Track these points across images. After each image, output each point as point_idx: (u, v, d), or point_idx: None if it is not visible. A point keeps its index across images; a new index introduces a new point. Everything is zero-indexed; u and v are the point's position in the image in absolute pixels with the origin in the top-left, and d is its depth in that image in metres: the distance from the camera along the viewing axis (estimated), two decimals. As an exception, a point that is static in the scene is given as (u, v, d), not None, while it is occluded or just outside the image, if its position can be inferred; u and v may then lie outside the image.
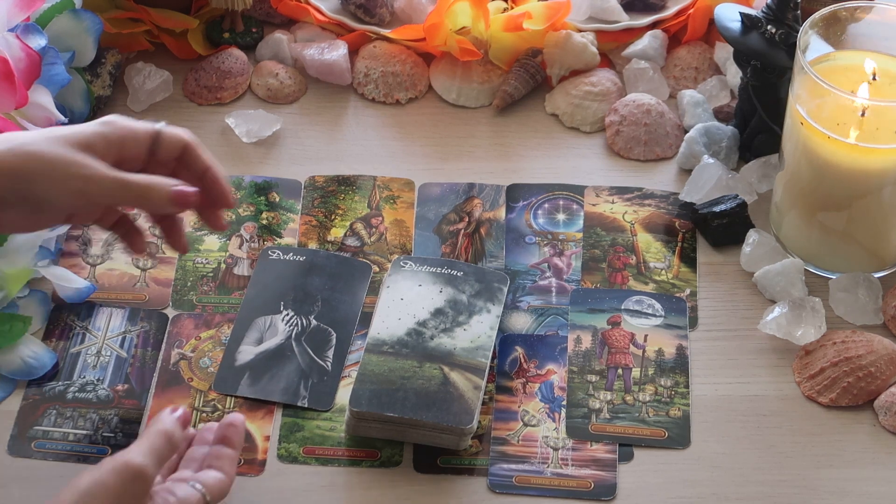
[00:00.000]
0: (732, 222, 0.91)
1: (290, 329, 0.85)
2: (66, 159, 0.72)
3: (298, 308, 0.86)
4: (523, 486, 0.79)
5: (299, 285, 0.87)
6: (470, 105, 1.02)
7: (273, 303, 0.86)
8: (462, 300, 0.85)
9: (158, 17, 1.03)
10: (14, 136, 0.73)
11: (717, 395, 0.83)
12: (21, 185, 0.72)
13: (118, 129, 0.75)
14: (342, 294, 0.87)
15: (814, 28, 0.85)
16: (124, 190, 0.74)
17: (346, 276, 0.88)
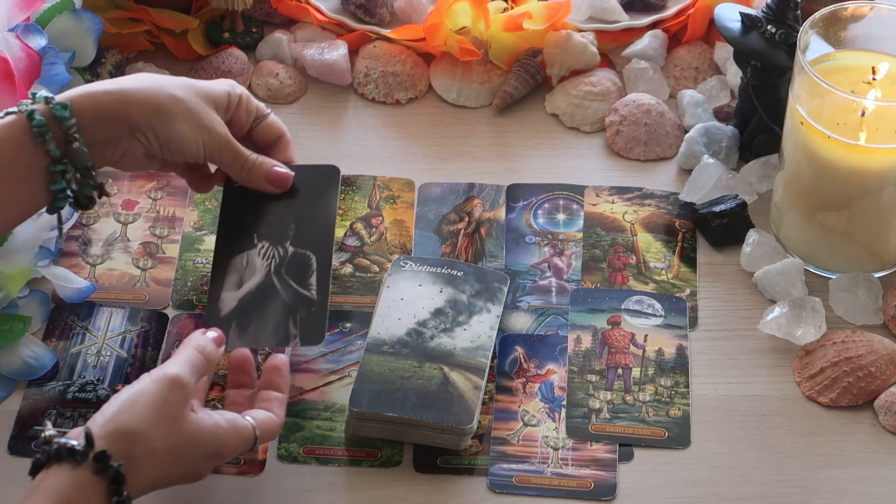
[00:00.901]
0: (732, 222, 0.91)
1: (268, 263, 0.81)
2: (202, 111, 0.79)
3: (272, 237, 0.82)
4: (523, 485, 0.79)
5: (268, 211, 0.83)
6: (470, 105, 1.02)
7: (246, 237, 0.82)
8: (462, 300, 0.85)
9: (158, 17, 1.03)
10: (157, 77, 0.79)
11: (717, 395, 0.83)
12: (158, 120, 0.77)
13: (238, 94, 0.82)
14: (313, 207, 0.83)
15: (814, 28, 0.85)
16: (236, 159, 0.81)
17: (314, 186, 0.84)
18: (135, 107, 0.77)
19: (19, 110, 0.74)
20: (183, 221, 0.93)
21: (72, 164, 0.74)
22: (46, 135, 0.73)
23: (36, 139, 0.73)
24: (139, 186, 0.96)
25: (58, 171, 0.74)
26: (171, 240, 0.92)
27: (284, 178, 0.83)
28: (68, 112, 0.74)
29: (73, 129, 0.74)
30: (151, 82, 0.79)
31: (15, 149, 0.73)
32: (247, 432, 0.73)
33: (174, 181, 0.96)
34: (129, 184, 0.96)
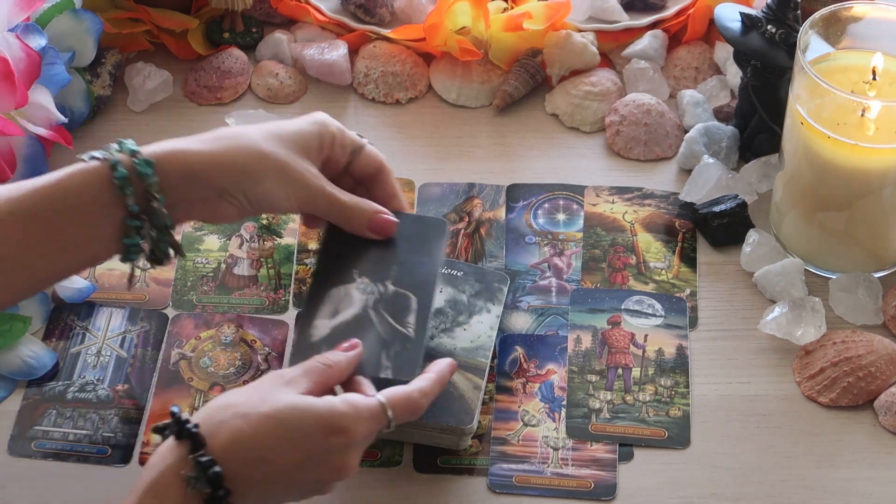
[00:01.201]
0: (732, 222, 0.91)
1: (366, 297, 0.78)
2: (292, 165, 0.75)
3: (373, 275, 0.79)
4: (523, 485, 0.79)
5: (372, 250, 0.80)
6: (470, 105, 1.02)
7: (345, 272, 0.79)
8: (462, 300, 0.85)
9: (158, 17, 1.03)
10: (243, 133, 0.76)
11: (717, 395, 0.83)
12: (247, 181, 0.75)
13: (331, 133, 0.78)
14: (418, 255, 0.80)
15: (814, 28, 0.85)
16: (332, 207, 0.78)
17: (421, 236, 0.81)
18: (222, 170, 0.74)
19: (104, 157, 0.72)
20: None
21: (149, 221, 0.73)
22: (126, 189, 0.71)
23: (115, 191, 0.72)
24: (139, 186, 0.96)
25: (134, 225, 0.72)
26: (171, 240, 0.92)
27: (387, 225, 0.79)
28: (151, 170, 0.72)
29: (155, 188, 0.72)
30: (240, 140, 0.75)
31: (94, 196, 0.71)
32: (371, 408, 0.70)
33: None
34: (129, 184, 0.96)
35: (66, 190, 0.71)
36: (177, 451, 0.67)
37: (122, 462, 0.80)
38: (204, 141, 0.75)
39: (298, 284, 0.90)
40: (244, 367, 0.85)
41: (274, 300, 0.89)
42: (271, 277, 0.90)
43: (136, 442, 0.81)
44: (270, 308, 0.89)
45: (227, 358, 0.85)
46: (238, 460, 0.67)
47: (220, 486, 0.67)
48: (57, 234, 0.71)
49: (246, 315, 0.88)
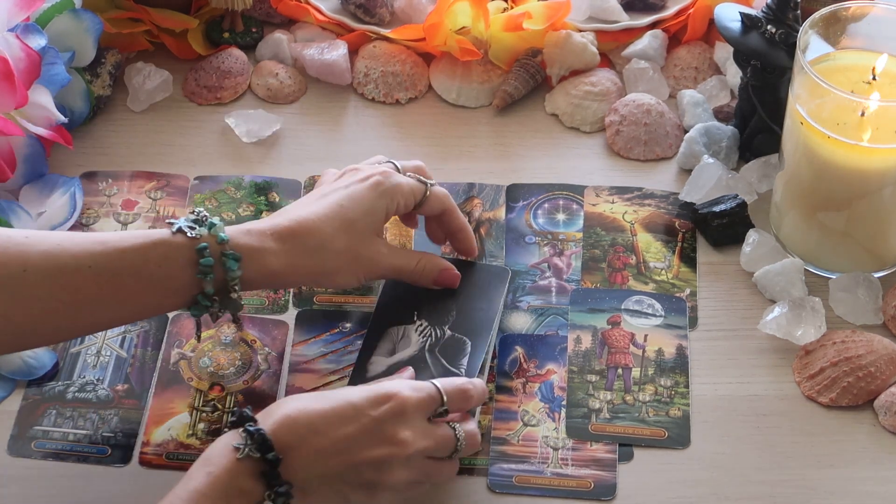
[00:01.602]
0: (732, 222, 0.91)
1: (424, 340, 0.81)
2: (363, 253, 0.79)
3: (432, 318, 0.82)
4: (523, 485, 0.78)
5: (433, 294, 0.83)
6: (470, 105, 1.02)
7: (406, 312, 0.83)
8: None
9: (158, 17, 1.03)
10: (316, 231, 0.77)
11: (717, 394, 0.83)
12: (323, 279, 0.80)
13: (396, 199, 0.81)
14: (478, 301, 0.83)
15: (814, 28, 0.85)
16: (398, 274, 0.82)
17: (483, 283, 0.85)
18: (302, 275, 0.78)
19: (191, 235, 0.73)
20: None
21: (221, 303, 0.75)
22: (209, 275, 0.73)
23: (197, 274, 0.73)
24: (139, 186, 0.96)
25: (205, 304, 0.74)
26: (171, 240, 0.92)
27: (452, 280, 0.83)
28: (237, 265, 0.74)
29: (236, 283, 0.74)
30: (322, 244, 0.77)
31: (175, 273, 0.73)
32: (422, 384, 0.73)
33: (174, 181, 0.96)
34: (129, 184, 0.96)
35: (148, 258, 0.72)
36: (232, 433, 0.69)
37: (122, 462, 0.80)
38: (282, 238, 0.76)
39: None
40: (244, 367, 0.85)
41: (274, 300, 0.89)
42: (271, 277, 0.90)
43: (135, 442, 0.81)
44: (270, 308, 0.88)
45: (227, 358, 0.85)
46: (291, 434, 0.68)
47: (270, 449, 0.67)
48: (131, 296, 0.73)
49: (246, 315, 0.88)
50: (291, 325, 0.87)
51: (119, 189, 0.96)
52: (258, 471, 0.67)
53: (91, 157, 0.98)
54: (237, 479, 0.67)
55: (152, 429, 0.81)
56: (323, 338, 0.86)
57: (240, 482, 0.67)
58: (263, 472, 0.67)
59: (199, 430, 0.81)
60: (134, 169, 0.97)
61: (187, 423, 0.81)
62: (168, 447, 0.80)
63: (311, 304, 0.88)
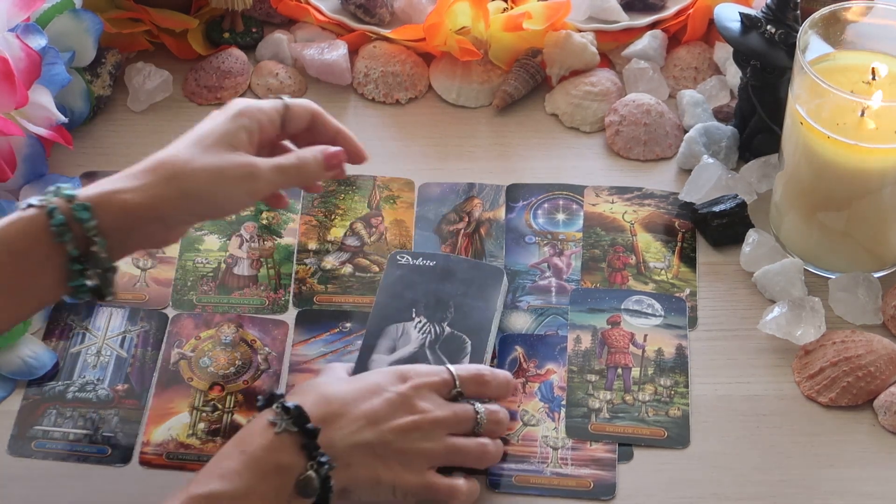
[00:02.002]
0: (732, 222, 0.91)
1: (424, 336, 0.82)
2: (228, 167, 0.75)
3: (431, 315, 0.83)
4: (523, 485, 0.78)
5: (431, 291, 0.84)
6: (470, 105, 1.02)
7: (405, 310, 0.83)
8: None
9: (158, 17, 1.03)
10: (173, 157, 0.75)
11: (717, 394, 0.83)
12: (189, 203, 0.75)
13: (254, 117, 0.78)
14: (475, 300, 0.84)
15: (814, 28, 0.85)
16: (284, 175, 0.78)
17: (479, 282, 0.85)
18: (161, 203, 0.74)
19: (41, 204, 0.72)
20: None
21: (91, 264, 0.72)
22: (65, 235, 0.71)
23: (54, 238, 0.71)
24: (139, 186, 0.96)
25: (76, 269, 0.72)
26: (171, 239, 0.92)
27: (337, 154, 0.80)
28: (89, 214, 0.72)
29: (94, 232, 0.72)
30: (170, 166, 0.74)
31: (32, 245, 0.71)
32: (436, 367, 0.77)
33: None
34: (129, 184, 0.96)
35: (5, 239, 0.71)
36: (263, 414, 0.71)
37: (122, 462, 0.80)
38: (135, 176, 0.74)
39: (298, 285, 0.90)
40: (244, 367, 0.85)
41: (274, 300, 0.89)
42: (271, 277, 0.90)
43: (135, 442, 0.81)
44: (270, 308, 0.89)
45: (227, 357, 0.85)
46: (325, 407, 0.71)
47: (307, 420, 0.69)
48: (3, 280, 0.71)
49: (246, 315, 0.88)
50: (291, 324, 0.87)
51: (119, 189, 0.95)
52: (298, 444, 0.69)
53: (91, 157, 0.98)
54: (275, 454, 0.68)
55: (152, 428, 0.81)
56: (323, 337, 0.86)
57: (278, 458, 0.68)
58: (303, 444, 0.69)
59: (199, 430, 0.81)
60: (134, 169, 0.97)
61: (187, 423, 0.81)
62: (168, 447, 0.80)
63: (312, 303, 0.89)
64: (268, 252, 0.92)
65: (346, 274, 0.90)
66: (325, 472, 0.69)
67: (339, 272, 0.90)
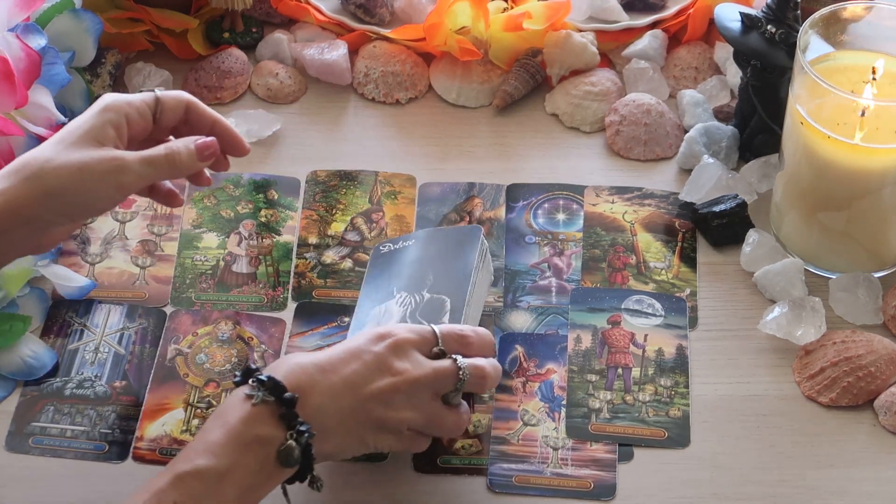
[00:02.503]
0: (732, 222, 0.91)
1: (405, 309, 0.80)
2: (91, 162, 0.74)
3: (411, 287, 0.81)
4: (523, 485, 0.78)
5: (409, 265, 0.82)
6: (470, 105, 1.02)
7: (386, 289, 0.82)
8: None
9: (158, 17, 1.03)
10: (32, 157, 0.74)
11: (717, 395, 0.83)
12: (59, 203, 0.73)
13: (121, 111, 0.76)
14: (452, 261, 0.81)
15: (814, 28, 0.85)
16: (154, 167, 0.76)
17: (455, 244, 0.83)
18: (23, 204, 0.72)
19: None
20: (181, 219, 0.93)
21: None
22: None
23: None
24: (138, 185, 0.96)
25: None
26: (170, 237, 0.92)
27: (209, 144, 0.77)
28: None
29: None
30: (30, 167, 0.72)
31: None
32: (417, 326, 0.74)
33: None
34: (129, 182, 0.96)
35: None
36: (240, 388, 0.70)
37: (119, 458, 0.80)
38: None
39: (297, 279, 0.90)
40: (240, 364, 0.85)
41: (272, 297, 0.89)
42: (270, 275, 0.90)
43: (133, 438, 0.80)
44: (269, 305, 0.88)
45: (223, 354, 0.85)
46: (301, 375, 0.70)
47: (284, 390, 0.68)
48: None
49: (244, 312, 0.88)
50: (289, 323, 0.87)
51: (118, 188, 0.95)
52: (276, 415, 0.68)
53: (91, 157, 0.98)
54: (254, 426, 0.67)
55: (146, 424, 0.81)
56: (321, 330, 0.86)
57: (257, 429, 0.67)
58: (282, 415, 0.68)
59: (193, 427, 0.81)
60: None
61: (182, 419, 0.81)
62: (162, 443, 0.80)
63: (310, 298, 0.89)
64: (266, 249, 0.92)
65: (346, 269, 0.90)
66: (305, 440, 0.68)
67: (338, 267, 0.90)
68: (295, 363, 0.71)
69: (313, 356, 0.72)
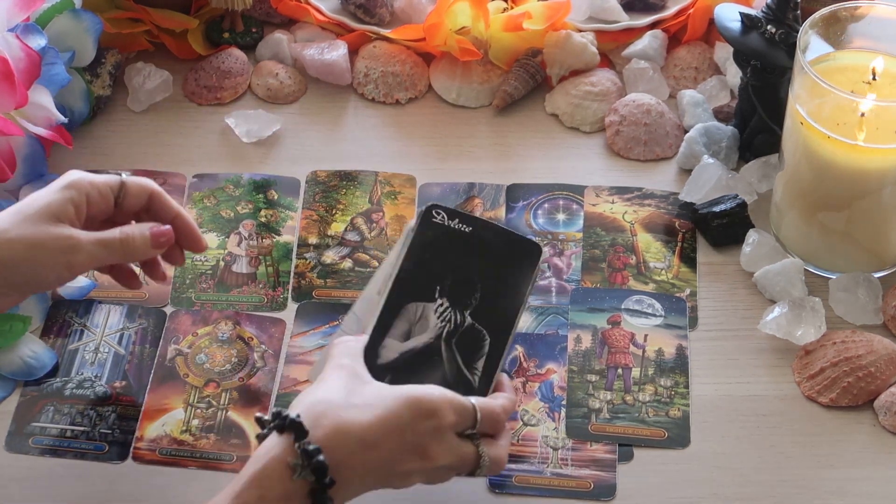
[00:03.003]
0: (732, 222, 0.91)
1: (443, 325, 0.75)
2: (45, 238, 0.74)
3: (455, 298, 0.75)
4: (523, 485, 0.78)
5: (460, 266, 0.76)
6: (470, 105, 1.02)
7: (428, 287, 0.75)
8: None
9: (158, 17, 1.03)
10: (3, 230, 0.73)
11: (717, 395, 0.83)
12: (8, 273, 0.74)
13: (83, 190, 0.76)
14: (504, 285, 0.76)
15: (814, 28, 0.85)
16: (107, 250, 0.76)
17: (511, 260, 0.76)
18: None
19: None
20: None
21: None
22: None
23: None
24: (138, 185, 0.96)
25: None
26: (170, 238, 0.92)
27: (164, 232, 0.77)
28: None
29: None
30: None
31: None
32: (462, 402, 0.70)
33: (171, 179, 0.96)
34: (128, 182, 0.96)
35: None
36: (281, 442, 0.67)
37: (119, 459, 0.80)
38: None
39: (297, 279, 0.90)
40: (240, 364, 0.85)
41: (272, 297, 0.89)
42: (270, 275, 0.90)
43: (133, 439, 0.80)
44: (269, 305, 0.88)
45: (223, 354, 0.85)
46: (342, 448, 0.67)
47: (326, 474, 0.66)
48: None
49: (244, 312, 0.88)
50: (289, 323, 0.87)
51: (117, 188, 0.95)
52: (308, 489, 0.67)
53: (91, 158, 0.98)
54: (289, 500, 0.66)
55: (146, 424, 0.81)
56: (322, 330, 0.86)
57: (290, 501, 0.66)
58: (313, 490, 0.67)
59: (192, 427, 0.81)
60: (133, 169, 0.97)
61: (181, 420, 0.81)
62: (161, 443, 0.80)
63: (310, 298, 0.88)
64: (266, 250, 0.92)
65: (346, 269, 0.90)
66: None
67: (338, 267, 0.90)
68: (338, 429, 0.68)
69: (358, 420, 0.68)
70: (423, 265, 0.76)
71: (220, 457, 0.80)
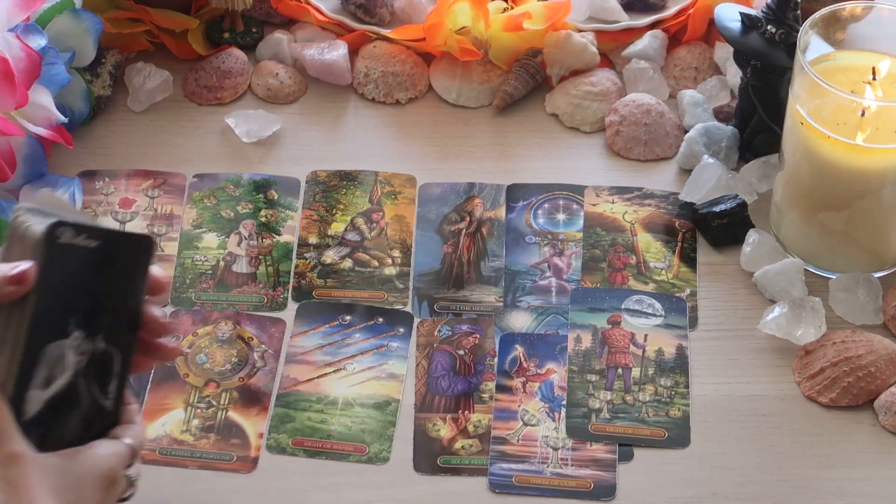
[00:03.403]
0: (732, 222, 0.91)
1: (80, 360, 0.64)
2: None
3: (88, 326, 0.64)
4: (523, 485, 0.78)
5: (90, 289, 0.64)
6: (470, 105, 1.02)
7: (61, 321, 0.64)
8: None
9: (158, 17, 1.03)
10: None
11: (717, 395, 0.83)
12: None
13: None
14: (127, 293, 0.66)
15: (814, 28, 0.85)
16: None
17: (131, 263, 0.66)
18: None
19: None
20: (181, 219, 0.93)
21: None
22: None
23: None
24: (136, 185, 0.96)
25: None
26: (170, 237, 0.92)
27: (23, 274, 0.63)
28: None
29: None
30: None
31: None
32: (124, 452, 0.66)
33: (171, 179, 0.96)
34: (126, 182, 0.96)
35: None
36: None
37: (120, 459, 0.79)
38: None
39: (297, 279, 0.90)
40: (240, 364, 0.85)
41: (272, 297, 0.89)
42: (270, 275, 0.90)
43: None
44: (269, 305, 0.88)
45: (223, 354, 0.85)
46: None
47: None
48: None
49: (244, 312, 0.88)
50: (289, 322, 0.87)
51: (116, 188, 0.96)
52: None
53: (91, 158, 0.98)
54: None
55: (146, 424, 0.81)
56: (322, 329, 0.86)
57: None
58: None
59: (193, 427, 0.81)
60: (133, 169, 0.97)
61: (182, 420, 0.81)
62: (162, 443, 0.80)
63: (311, 298, 0.89)
64: (266, 250, 0.92)
65: (346, 269, 0.90)
66: None
67: (338, 267, 0.90)
68: None
69: None
70: (56, 299, 0.64)
71: (220, 457, 0.80)
